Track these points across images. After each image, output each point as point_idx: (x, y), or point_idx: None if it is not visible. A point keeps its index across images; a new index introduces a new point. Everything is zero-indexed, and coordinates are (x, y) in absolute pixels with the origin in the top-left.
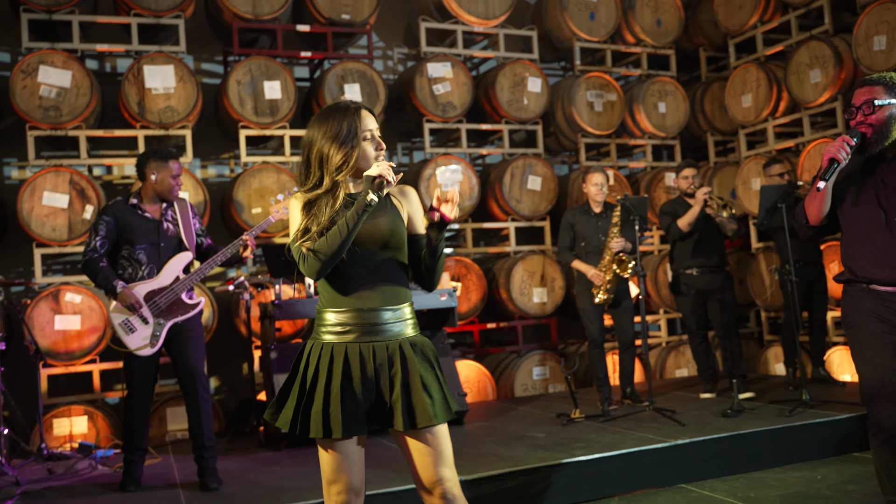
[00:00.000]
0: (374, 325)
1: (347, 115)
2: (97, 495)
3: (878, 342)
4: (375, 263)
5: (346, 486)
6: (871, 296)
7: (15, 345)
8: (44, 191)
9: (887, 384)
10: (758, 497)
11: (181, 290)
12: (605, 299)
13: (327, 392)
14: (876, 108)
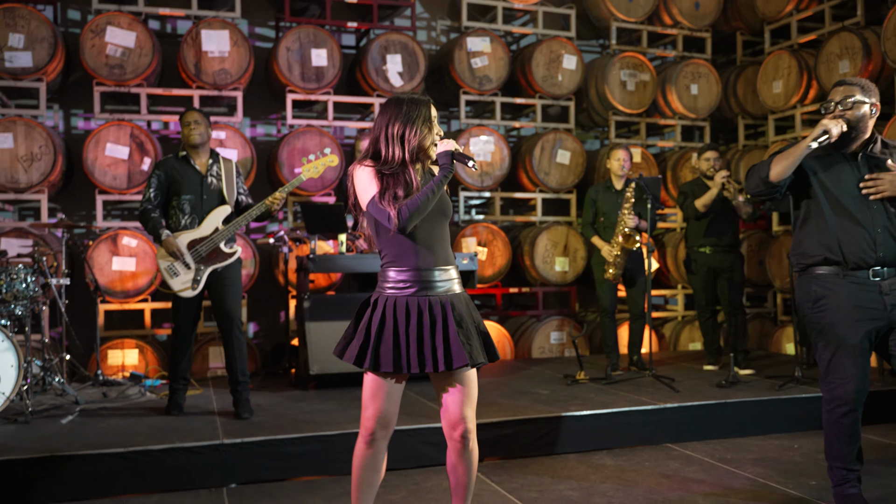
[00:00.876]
0: (430, 282)
1: (422, 105)
2: (144, 417)
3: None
4: (432, 229)
5: (377, 414)
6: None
7: (77, 282)
8: (107, 142)
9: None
10: (733, 458)
11: (220, 239)
12: (613, 274)
13: (383, 334)
14: (852, 104)
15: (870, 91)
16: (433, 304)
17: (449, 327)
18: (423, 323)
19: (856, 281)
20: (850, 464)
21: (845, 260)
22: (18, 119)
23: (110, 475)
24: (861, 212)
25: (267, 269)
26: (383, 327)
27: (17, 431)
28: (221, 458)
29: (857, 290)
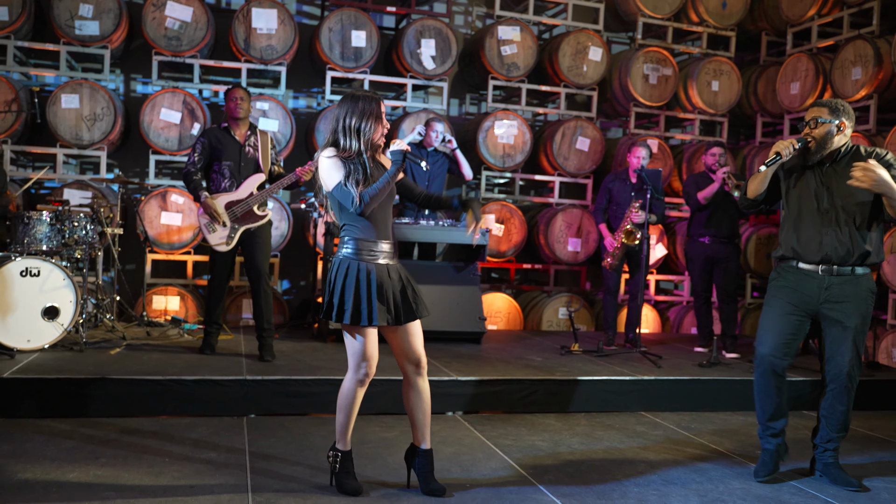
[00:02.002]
0: (386, 253)
1: (374, 102)
2: (181, 353)
3: (786, 306)
4: (383, 210)
5: (372, 360)
6: (794, 271)
7: (129, 232)
8: (162, 107)
9: (776, 335)
10: (696, 428)
11: (253, 203)
12: (610, 263)
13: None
14: (819, 124)
15: (837, 112)
16: (390, 271)
17: (405, 289)
18: (384, 285)
19: (803, 272)
20: (765, 420)
21: (798, 256)
22: (84, 82)
23: (149, 398)
24: (812, 217)
25: (300, 232)
26: (358, 288)
27: (72, 357)
28: (244, 391)
29: (802, 278)
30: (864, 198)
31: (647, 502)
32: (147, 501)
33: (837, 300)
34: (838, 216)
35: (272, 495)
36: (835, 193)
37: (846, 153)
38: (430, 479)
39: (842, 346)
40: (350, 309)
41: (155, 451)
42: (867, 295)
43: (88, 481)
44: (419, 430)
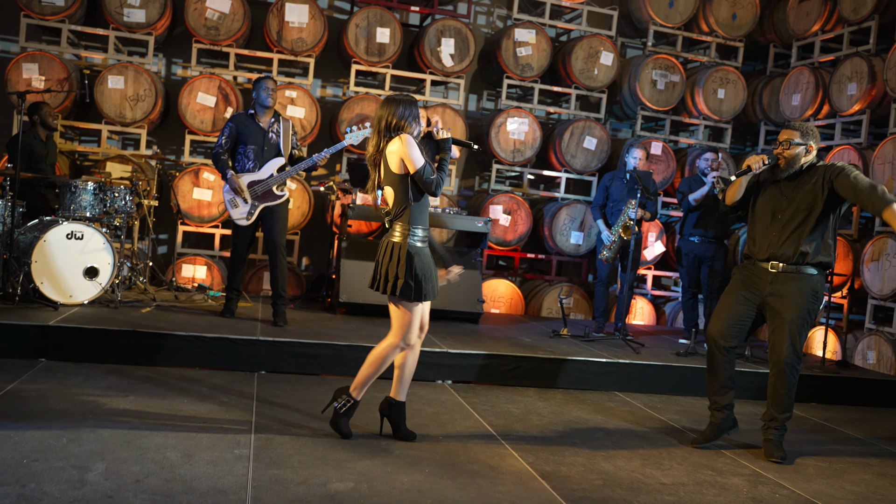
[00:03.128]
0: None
1: (412, 104)
2: (204, 315)
3: (738, 295)
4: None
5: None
6: (751, 266)
7: (163, 205)
8: (199, 91)
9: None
10: (661, 408)
11: (273, 183)
12: (606, 256)
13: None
14: (792, 146)
15: (807, 135)
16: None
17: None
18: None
19: (757, 268)
20: (711, 394)
21: (754, 254)
22: (130, 65)
23: (173, 350)
24: (768, 222)
25: (319, 213)
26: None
27: (108, 313)
28: (256, 350)
29: (754, 273)
30: (815, 208)
31: (594, 460)
32: (167, 429)
33: (780, 294)
34: (791, 223)
35: (272, 433)
36: (792, 203)
37: (807, 168)
38: (402, 427)
39: (780, 336)
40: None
41: (176, 394)
42: (809, 293)
43: (119, 412)
44: (401, 385)
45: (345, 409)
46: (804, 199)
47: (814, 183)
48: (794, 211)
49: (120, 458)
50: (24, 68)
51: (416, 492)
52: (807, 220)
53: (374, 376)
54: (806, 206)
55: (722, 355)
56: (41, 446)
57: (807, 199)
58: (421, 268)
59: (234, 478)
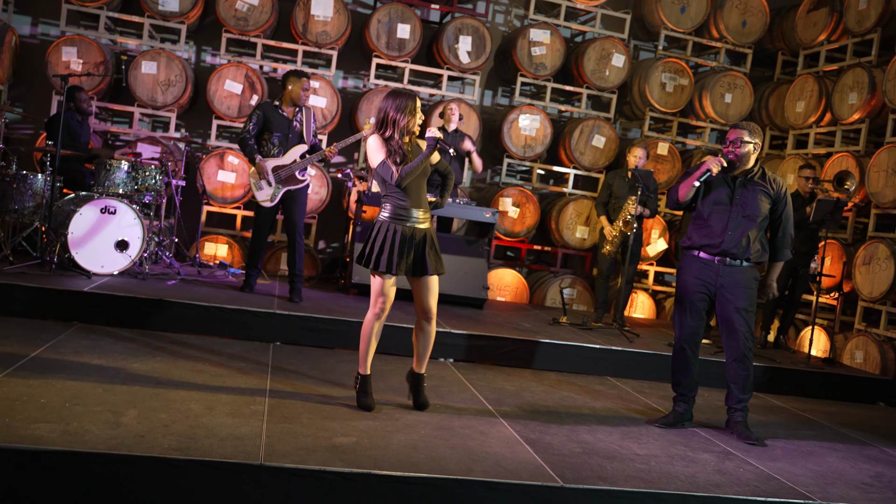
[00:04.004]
0: (416, 218)
1: (409, 98)
2: (225, 290)
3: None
4: (417, 185)
5: (387, 299)
6: (696, 259)
7: (189, 185)
8: (226, 79)
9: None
10: (648, 392)
11: (295, 169)
12: (609, 250)
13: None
14: (741, 143)
15: (755, 133)
16: (416, 233)
17: (425, 249)
18: (406, 243)
19: (703, 261)
20: (678, 387)
21: (700, 247)
22: (162, 51)
23: (196, 319)
24: (719, 219)
25: (337, 199)
26: (384, 244)
27: (136, 283)
28: (272, 322)
29: (702, 266)
30: (761, 212)
31: (577, 432)
32: (191, 386)
33: (730, 286)
34: (738, 221)
35: (284, 395)
36: (741, 204)
37: (756, 172)
38: (419, 394)
39: (735, 324)
40: (374, 258)
41: (197, 358)
42: (752, 282)
43: (146, 371)
44: (419, 359)
45: (358, 386)
46: (753, 203)
47: (764, 192)
48: (745, 213)
49: (149, 406)
50: (64, 51)
51: (410, 448)
52: (752, 221)
53: (366, 349)
54: (753, 208)
55: (692, 353)
56: (80, 394)
57: (755, 203)
58: (374, 236)
59: (250, 428)
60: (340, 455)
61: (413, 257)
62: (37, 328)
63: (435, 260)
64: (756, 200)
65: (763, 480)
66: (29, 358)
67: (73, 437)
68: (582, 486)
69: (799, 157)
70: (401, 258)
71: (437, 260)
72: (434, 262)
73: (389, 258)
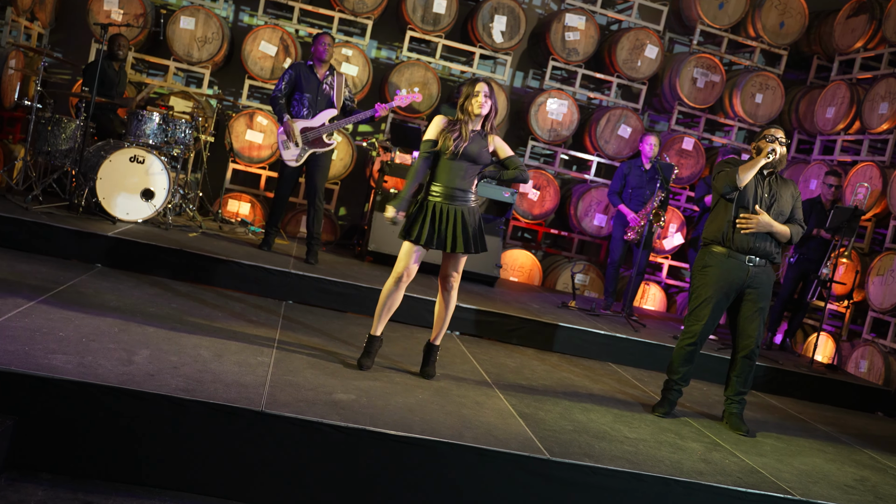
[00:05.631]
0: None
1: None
2: (244, 246)
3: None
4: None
5: (409, 269)
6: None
7: (218, 142)
8: (262, 40)
9: (709, 319)
10: (648, 381)
11: (323, 132)
12: (633, 239)
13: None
14: (783, 143)
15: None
16: (450, 210)
17: (465, 227)
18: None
19: (733, 260)
20: (677, 377)
21: (730, 245)
22: (201, 8)
23: (213, 272)
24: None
25: (360, 167)
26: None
27: (160, 233)
28: (287, 281)
29: (731, 265)
30: (786, 211)
31: (571, 411)
32: (202, 334)
33: (756, 286)
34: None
35: (290, 350)
36: (774, 203)
37: (781, 176)
38: (428, 364)
39: (753, 323)
40: (406, 228)
41: (211, 307)
42: (771, 282)
43: (162, 315)
44: (435, 328)
45: (364, 345)
46: (784, 203)
47: (791, 193)
48: (776, 211)
49: (161, 349)
50: (106, 1)
51: (406, 410)
52: (781, 219)
53: (381, 311)
54: (782, 209)
55: (699, 349)
56: (97, 331)
57: (786, 203)
58: (415, 213)
59: (255, 377)
60: (338, 410)
61: (448, 233)
62: (61, 266)
63: (471, 239)
64: (786, 199)
65: (746, 473)
66: (52, 293)
67: (87, 370)
68: (567, 461)
69: (824, 163)
70: (431, 232)
71: (476, 240)
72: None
73: (420, 230)
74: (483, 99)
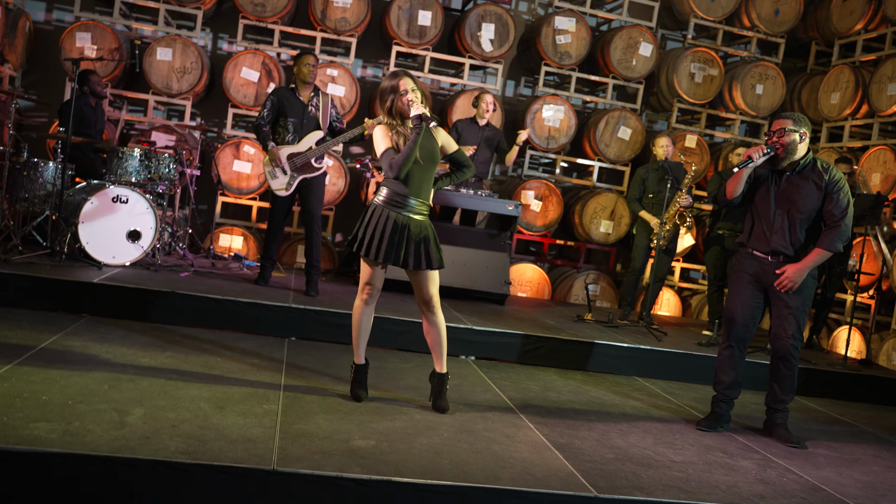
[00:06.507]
0: (413, 208)
1: (395, 77)
2: (239, 283)
3: (745, 286)
4: (419, 172)
5: (373, 287)
6: (751, 258)
7: (204, 175)
8: (243, 66)
9: (739, 312)
10: (678, 395)
11: (311, 156)
12: (663, 245)
13: (382, 237)
14: (786, 133)
15: (800, 122)
16: (412, 223)
17: (427, 243)
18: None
19: (757, 260)
20: (722, 388)
21: (753, 245)
22: (178, 38)
23: (209, 313)
24: (766, 216)
25: (355, 190)
26: (375, 229)
27: (149, 275)
28: (288, 316)
29: (756, 265)
30: (812, 206)
31: (608, 436)
32: (201, 383)
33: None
34: (790, 216)
35: (299, 393)
36: (790, 198)
37: (806, 164)
38: (438, 396)
39: (784, 322)
40: (364, 243)
41: (210, 352)
42: (809, 280)
43: (157, 365)
44: (434, 357)
45: (353, 375)
46: (801, 196)
47: (815, 183)
48: (796, 206)
49: (157, 405)
50: (78, 37)
51: (433, 453)
52: (807, 215)
53: (358, 336)
54: (801, 202)
55: (741, 352)
56: (85, 390)
57: (804, 196)
58: (369, 222)
59: (262, 429)
60: (359, 460)
61: (407, 249)
62: (45, 320)
63: (431, 254)
64: (804, 193)
65: (809, 491)
66: (34, 351)
67: (74, 438)
68: (617, 497)
69: (833, 150)
70: (390, 248)
71: (435, 254)
72: (431, 256)
73: (378, 245)
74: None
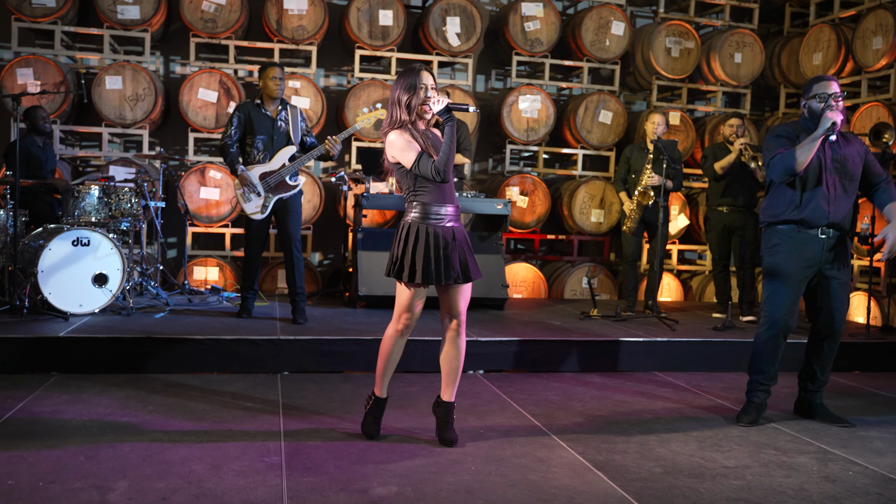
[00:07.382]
0: (451, 215)
1: (413, 73)
2: (221, 317)
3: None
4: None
5: (413, 314)
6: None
7: (170, 206)
8: (199, 87)
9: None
10: (705, 386)
11: (286, 174)
12: (629, 226)
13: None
14: (841, 97)
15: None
16: (455, 232)
17: (466, 252)
18: (449, 246)
19: (806, 237)
20: (761, 377)
21: (803, 219)
22: (127, 64)
23: (191, 356)
24: (819, 186)
25: (331, 205)
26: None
27: (121, 321)
28: (278, 350)
29: (805, 243)
30: (859, 171)
31: (647, 445)
32: (190, 440)
33: (836, 260)
34: (844, 186)
35: (302, 438)
36: (842, 167)
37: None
38: (445, 428)
39: (836, 301)
40: (409, 267)
41: (197, 401)
42: (849, 253)
43: (139, 424)
44: (445, 383)
45: (369, 408)
46: (852, 165)
47: (857, 151)
48: (847, 175)
49: (143, 474)
50: (19, 74)
51: (465, 492)
52: (854, 183)
53: (384, 367)
54: (854, 169)
55: (784, 340)
56: (57, 466)
57: (854, 164)
58: (410, 244)
59: (267, 488)
60: None
61: (456, 262)
62: (8, 385)
63: (471, 264)
64: (853, 160)
65: (882, 484)
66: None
67: None
68: None
69: None
70: (439, 266)
71: (474, 263)
72: (470, 266)
73: (427, 267)
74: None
